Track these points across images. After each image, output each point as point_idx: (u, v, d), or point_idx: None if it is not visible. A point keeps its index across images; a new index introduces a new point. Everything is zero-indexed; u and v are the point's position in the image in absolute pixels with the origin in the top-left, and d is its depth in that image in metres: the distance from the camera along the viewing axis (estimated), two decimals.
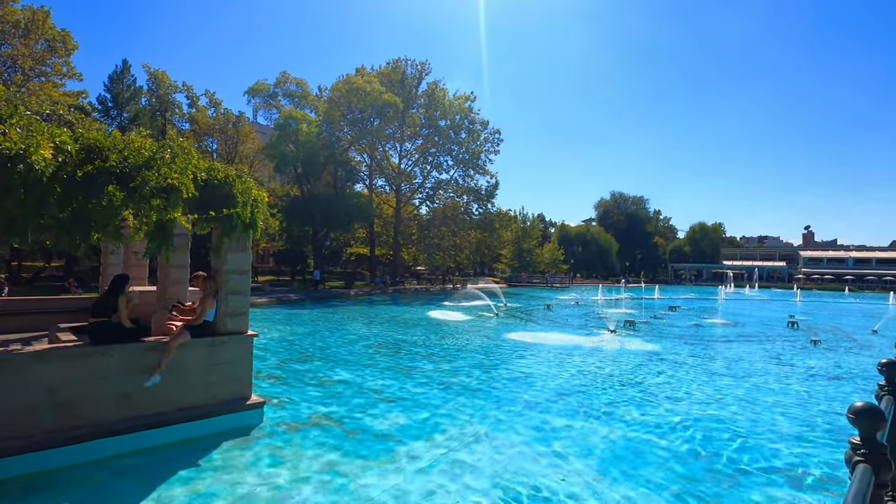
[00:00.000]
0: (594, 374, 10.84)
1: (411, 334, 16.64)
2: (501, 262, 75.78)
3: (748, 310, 32.30)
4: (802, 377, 11.07)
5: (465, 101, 50.75)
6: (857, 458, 1.60)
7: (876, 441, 1.61)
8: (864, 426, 1.62)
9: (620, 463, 5.88)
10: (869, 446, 1.59)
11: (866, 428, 1.62)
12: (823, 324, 23.88)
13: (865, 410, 1.60)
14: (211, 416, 6.33)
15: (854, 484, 1.47)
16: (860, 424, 1.63)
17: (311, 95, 44.84)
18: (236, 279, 6.82)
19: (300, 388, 9.11)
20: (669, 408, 8.29)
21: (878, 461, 1.57)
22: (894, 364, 2.60)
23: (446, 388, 9.40)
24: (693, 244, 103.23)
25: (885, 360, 2.64)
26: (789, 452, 6.38)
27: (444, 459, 5.85)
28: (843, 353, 14.63)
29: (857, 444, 1.63)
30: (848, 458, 1.66)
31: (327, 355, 12.49)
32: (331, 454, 5.91)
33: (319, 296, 32.44)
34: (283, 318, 20.16)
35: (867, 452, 1.59)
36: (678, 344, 15.65)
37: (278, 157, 38.75)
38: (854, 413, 1.63)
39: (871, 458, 1.57)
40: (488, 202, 54.31)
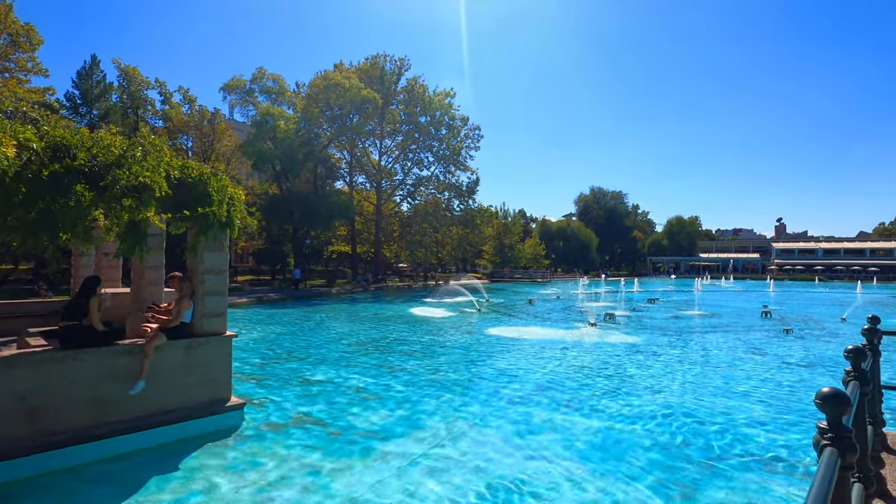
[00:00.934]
0: (575, 367, 10.98)
1: (394, 332, 16.59)
2: (483, 257, 76.05)
3: (724, 301, 33.09)
4: (775, 365, 11.39)
5: (446, 97, 50.64)
6: (824, 442, 1.65)
7: (842, 425, 1.66)
8: (830, 411, 1.67)
9: (601, 454, 5.98)
10: (835, 430, 1.64)
11: (832, 413, 1.67)
12: (795, 313, 24.61)
13: (831, 396, 1.65)
14: (189, 420, 6.22)
15: (821, 467, 1.51)
16: (827, 409, 1.67)
17: (289, 92, 44.20)
18: (213, 279, 6.70)
19: (281, 388, 9.01)
20: (648, 398, 8.45)
21: (844, 445, 1.61)
22: (860, 351, 2.69)
23: (429, 384, 9.40)
24: (671, 237, 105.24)
25: (851, 347, 2.73)
26: (763, 438, 6.57)
27: (427, 456, 5.86)
28: (813, 341, 15.10)
29: (825, 428, 1.68)
30: (816, 442, 1.70)
31: (309, 355, 12.37)
32: (313, 454, 5.86)
33: (300, 295, 32.09)
34: (263, 318, 19.89)
35: (833, 436, 1.63)
36: (657, 336, 15.95)
37: (256, 154, 38.11)
38: (821, 399, 1.67)
39: (838, 442, 1.62)
40: (469, 198, 54.40)
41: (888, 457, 4.03)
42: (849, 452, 1.62)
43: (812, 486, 1.38)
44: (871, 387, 3.03)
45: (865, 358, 2.71)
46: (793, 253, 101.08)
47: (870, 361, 3.18)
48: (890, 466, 3.82)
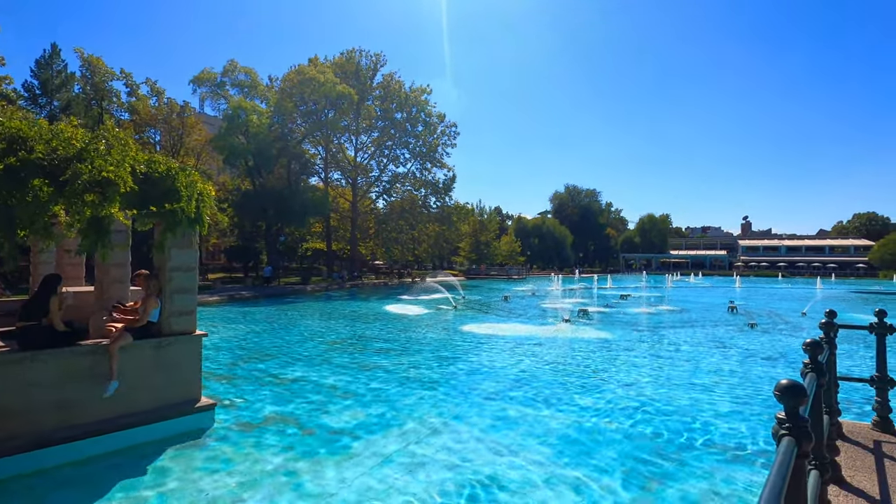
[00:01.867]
0: (550, 362, 11.13)
1: (369, 329, 16.50)
2: (460, 254, 76.26)
3: (693, 297, 34.05)
4: (741, 358, 11.79)
5: (422, 93, 50.48)
6: (782, 432, 1.71)
7: (798, 415, 1.72)
8: (788, 402, 1.73)
9: (574, 447, 6.08)
10: (792, 420, 1.70)
11: (790, 404, 1.74)
12: (760, 308, 25.52)
13: (789, 387, 1.71)
14: (158, 421, 6.05)
15: (779, 455, 1.57)
16: (784, 401, 1.74)
17: (262, 85, 43.32)
18: (182, 277, 6.52)
19: (254, 387, 8.85)
20: (620, 392, 8.63)
21: (801, 434, 1.68)
22: (817, 344, 2.81)
23: (405, 381, 9.39)
24: (643, 235, 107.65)
25: (809, 341, 2.84)
26: (728, 429, 6.79)
27: (402, 453, 5.85)
28: (776, 335, 15.69)
29: (783, 418, 1.74)
30: (775, 432, 1.76)
31: (283, 353, 12.19)
32: (286, 454, 5.78)
33: (274, 292, 31.55)
34: (235, 317, 19.49)
35: (791, 426, 1.70)
36: (629, 331, 16.30)
37: (227, 149, 37.23)
38: (779, 390, 1.74)
39: (794, 431, 1.69)
40: (446, 195, 54.42)
41: (843, 444, 4.23)
42: (805, 441, 1.69)
43: (770, 473, 1.43)
44: (827, 378, 3.17)
45: (822, 351, 2.83)
46: (758, 250, 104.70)
47: (826, 354, 3.32)
48: (845, 453, 4.01)
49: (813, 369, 2.69)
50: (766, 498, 1.28)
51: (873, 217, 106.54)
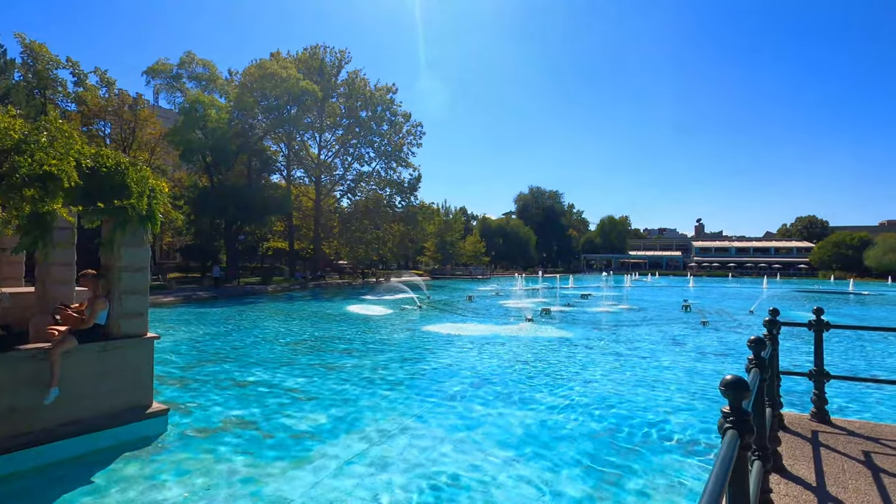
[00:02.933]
0: (512, 361, 11.27)
1: (332, 330, 16.25)
2: (425, 254, 76.18)
3: (650, 296, 35.28)
4: (694, 355, 12.31)
5: (387, 92, 50.11)
6: (726, 425, 1.79)
7: (741, 409, 1.81)
8: (731, 396, 1.82)
9: (535, 444, 6.18)
10: (736, 414, 1.79)
11: (734, 398, 1.82)
12: (711, 306, 26.72)
13: (732, 383, 1.80)
14: (106, 429, 5.76)
15: (723, 447, 1.64)
16: (729, 395, 1.82)
17: (221, 79, 41.88)
18: (132, 277, 6.23)
19: (211, 391, 8.55)
20: (580, 389, 8.84)
21: (743, 427, 1.77)
22: (760, 341, 2.96)
23: (368, 383, 9.30)
24: (603, 236, 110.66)
25: (753, 338, 2.99)
26: (682, 423, 7.08)
27: (365, 455, 5.80)
28: (726, 332, 16.46)
29: (727, 412, 1.83)
30: (720, 426, 1.85)
31: (242, 355, 11.84)
32: (244, 459, 5.62)
33: (233, 293, 30.61)
34: (192, 318, 18.78)
35: (734, 419, 1.78)
36: (589, 329, 16.72)
37: (184, 144, 35.78)
38: (724, 385, 1.82)
39: (738, 425, 1.77)
40: (411, 195, 54.22)
41: (784, 435, 4.47)
42: (747, 434, 1.77)
43: (714, 464, 1.50)
44: (769, 373, 3.34)
45: (765, 347, 2.99)
46: (710, 251, 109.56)
47: (769, 350, 3.50)
48: (786, 444, 4.25)
49: (756, 365, 2.84)
50: (709, 489, 1.33)
51: (814, 220, 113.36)
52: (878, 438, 4.45)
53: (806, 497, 3.32)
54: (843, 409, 7.72)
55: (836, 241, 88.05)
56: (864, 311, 26.17)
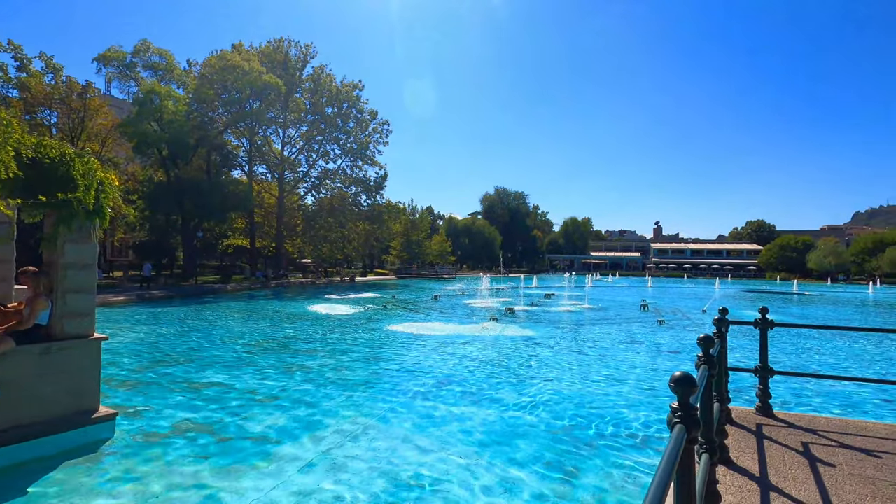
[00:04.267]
0: (477, 360, 11.35)
1: (294, 330, 15.91)
2: (391, 253, 75.76)
3: (610, 296, 36.28)
4: (650, 353, 12.74)
5: (353, 88, 49.52)
6: (675, 420, 1.86)
7: (689, 404, 1.88)
8: (680, 392, 1.89)
9: (497, 443, 6.25)
10: (683, 409, 1.86)
11: (682, 393, 1.89)
12: (667, 306, 27.73)
13: (680, 379, 1.87)
14: (48, 435, 5.43)
15: (671, 441, 1.70)
16: (677, 391, 1.89)
17: (179, 69, 40.28)
18: (77, 274, 5.90)
19: (164, 394, 8.22)
20: (542, 387, 9.00)
21: (691, 421, 1.84)
22: (709, 338, 3.09)
23: (330, 383, 9.16)
24: (566, 237, 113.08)
25: (703, 336, 3.12)
26: (637, 419, 7.31)
27: (326, 457, 5.70)
28: (680, 331, 17.12)
29: (676, 407, 1.90)
30: (669, 420, 1.92)
31: (198, 357, 11.43)
32: (198, 464, 5.42)
33: (190, 292, 29.51)
34: (145, 318, 17.99)
35: (682, 414, 1.85)
36: (551, 328, 17.04)
37: (138, 136, 34.22)
38: (673, 382, 1.89)
39: (685, 419, 1.84)
40: (377, 193, 53.80)
41: (731, 429, 4.69)
42: (694, 428, 1.85)
43: (662, 457, 1.55)
44: (717, 369, 3.49)
45: (713, 345, 3.12)
46: (667, 253, 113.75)
47: (718, 347, 3.66)
48: (732, 437, 4.45)
49: (705, 361, 2.96)
50: (656, 481, 1.38)
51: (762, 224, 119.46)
52: (815, 430, 4.73)
53: (749, 487, 3.49)
54: (787, 403, 8.15)
55: (781, 245, 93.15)
56: (806, 311, 27.77)
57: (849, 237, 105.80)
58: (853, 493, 3.40)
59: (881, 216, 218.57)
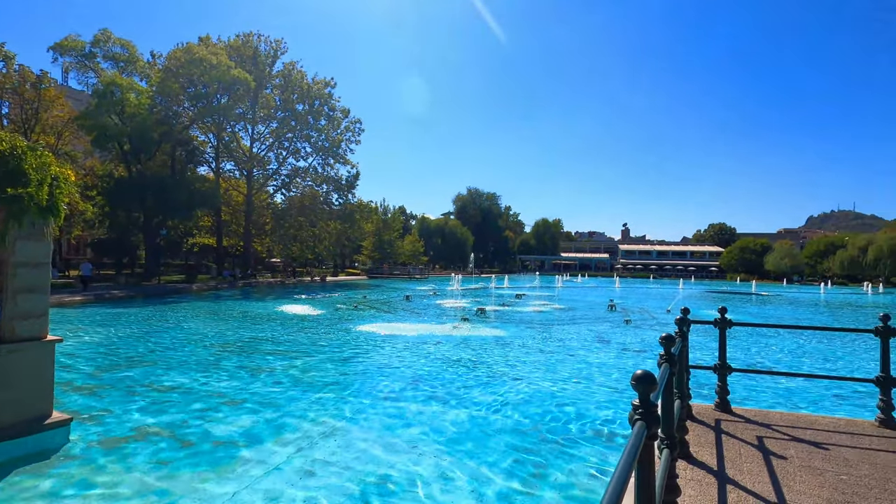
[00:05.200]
0: (447, 360, 11.38)
1: (262, 331, 15.58)
2: (363, 253, 75.13)
3: (579, 296, 36.95)
4: (617, 352, 13.04)
5: (325, 86, 48.85)
6: (636, 417, 1.92)
7: (650, 402, 1.94)
8: (641, 390, 1.94)
9: (467, 442, 6.28)
10: (644, 406, 1.92)
11: (642, 391, 1.95)
12: (634, 306, 28.45)
13: (641, 377, 1.93)
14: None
15: (632, 437, 1.76)
16: (638, 389, 1.95)
17: (142, 61, 38.90)
18: (30, 273, 5.62)
19: (123, 398, 7.91)
20: (511, 386, 9.10)
21: (651, 418, 1.90)
22: (670, 337, 3.19)
23: (299, 385, 9.02)
24: (537, 238, 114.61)
25: (664, 335, 3.22)
26: (604, 416, 7.48)
27: (293, 459, 5.61)
28: (646, 330, 17.60)
29: (637, 405, 1.95)
30: (630, 418, 1.97)
31: (160, 359, 11.05)
32: (159, 470, 5.25)
33: (153, 291, 28.51)
34: (104, 319, 17.28)
35: (643, 411, 1.91)
36: (521, 328, 17.23)
37: (97, 129, 32.86)
38: (634, 380, 1.95)
39: (646, 416, 1.90)
40: (349, 192, 53.21)
41: (692, 424, 4.85)
42: (654, 424, 1.90)
43: (623, 453, 1.60)
44: (678, 367, 3.61)
45: (674, 343, 3.22)
46: (634, 254, 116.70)
47: (679, 346, 3.78)
48: (693, 432, 4.61)
49: (666, 360, 3.06)
50: (616, 476, 1.42)
51: (723, 227, 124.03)
52: (769, 424, 4.94)
53: (708, 480, 3.62)
54: (745, 399, 8.48)
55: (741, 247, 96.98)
56: (764, 310, 28.97)
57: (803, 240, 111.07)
58: (803, 483, 3.57)
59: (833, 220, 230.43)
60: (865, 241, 75.19)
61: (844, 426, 4.94)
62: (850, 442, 4.46)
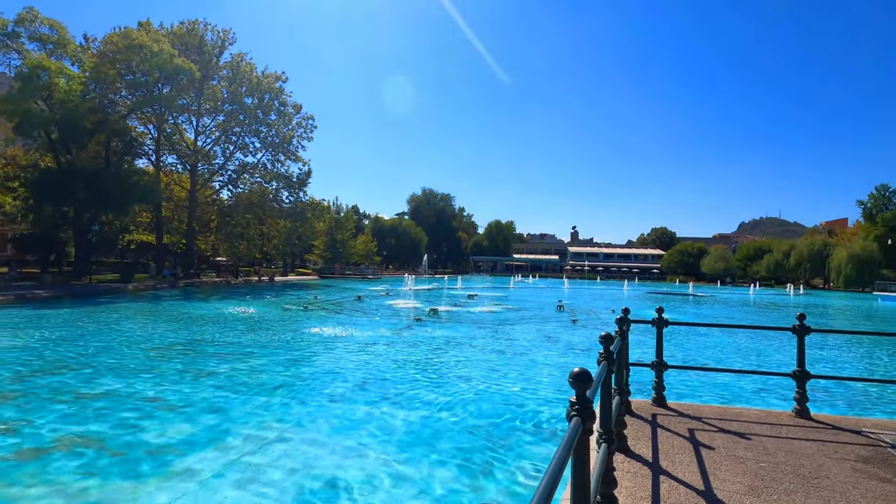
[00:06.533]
0: (398, 361, 11.33)
1: (204, 333, 14.91)
2: (314, 253, 73.47)
3: (530, 296, 37.79)
4: (564, 351, 13.44)
5: (276, 80, 47.40)
6: (572, 413, 1.99)
7: (586, 398, 2.02)
8: (577, 387, 2.02)
9: (416, 442, 6.28)
10: (580, 403, 1.99)
11: (579, 388, 2.03)
12: (581, 306, 29.43)
13: (578, 375, 2.01)
14: None
15: (568, 432, 1.82)
16: (575, 386, 2.03)
17: (73, 44, 36.19)
18: None
19: (46, 406, 7.35)
20: (462, 386, 9.18)
21: (585, 414, 1.98)
22: (609, 336, 3.33)
23: (244, 388, 8.69)
24: (490, 239, 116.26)
25: (604, 334, 3.36)
26: (550, 414, 7.69)
27: (235, 466, 5.41)
28: (592, 329, 18.24)
29: (574, 401, 2.03)
30: (567, 414, 2.04)
31: (89, 364, 10.34)
32: (84, 482, 4.91)
33: (83, 292, 26.62)
34: (27, 321, 15.96)
35: (579, 408, 1.99)
36: (473, 329, 17.42)
37: (20, 115, 30.24)
38: (571, 378, 2.02)
39: (581, 412, 1.98)
40: (300, 190, 51.87)
41: (630, 419, 5.08)
42: (589, 420, 1.99)
43: (558, 448, 1.66)
44: (616, 365, 3.77)
45: (613, 342, 3.37)
46: (583, 256, 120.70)
47: (618, 344, 3.95)
48: (631, 427, 4.83)
49: (605, 358, 3.19)
50: (550, 470, 1.47)
51: (665, 231, 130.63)
52: (700, 417, 5.26)
53: (643, 472, 3.80)
54: (681, 394, 8.97)
55: (680, 250, 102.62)
56: (700, 310, 30.73)
57: (735, 244, 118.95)
58: (727, 471, 3.82)
59: (762, 226, 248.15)
60: (788, 247, 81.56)
61: (765, 417, 5.34)
62: (770, 432, 4.82)
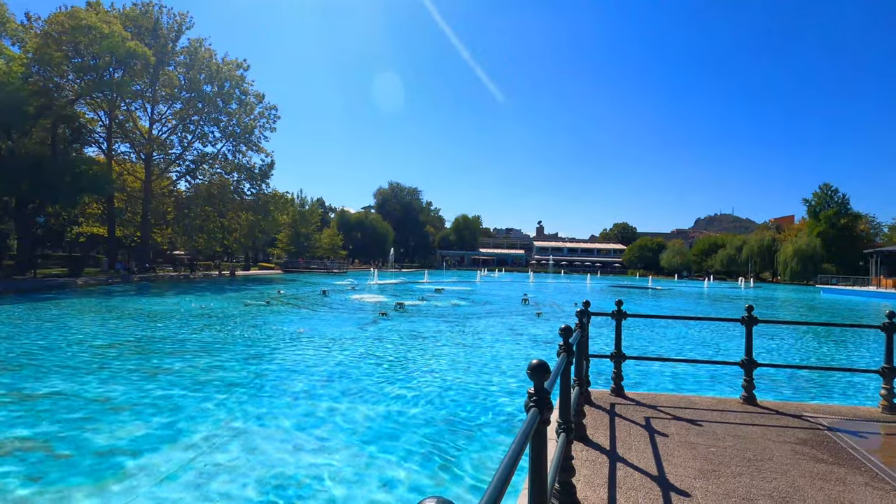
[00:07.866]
0: (363, 355, 11.24)
1: (160, 329, 14.35)
2: (277, 246, 71.86)
3: (496, 290, 38.19)
4: (528, 343, 13.66)
5: (237, 67, 45.87)
6: (530, 404, 2.02)
7: (543, 389, 2.05)
8: (535, 379, 2.05)
9: (380, 437, 6.25)
10: (538, 394, 2.02)
11: (537, 380, 2.06)
12: (546, 300, 29.97)
13: (536, 367, 2.03)
14: None
15: (526, 423, 1.85)
16: (533, 378, 2.05)
17: (14, 23, 33.89)
18: None
19: None
20: (426, 379, 9.19)
21: (543, 404, 2.00)
22: (568, 329, 3.40)
23: (201, 386, 8.42)
24: (458, 234, 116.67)
25: (564, 326, 3.42)
26: (513, 405, 7.80)
27: (191, 466, 5.24)
28: (556, 322, 18.61)
29: (532, 392, 2.06)
30: (525, 405, 2.07)
31: (32, 363, 9.78)
32: (27, 488, 4.65)
33: (27, 286, 25.12)
34: None
35: (536, 398, 2.01)
36: (439, 322, 17.46)
37: None
38: (530, 370, 2.05)
39: (538, 403, 2.00)
40: (262, 182, 50.52)
41: (589, 409, 5.22)
42: (546, 410, 2.02)
43: (515, 438, 1.67)
44: (576, 356, 3.86)
45: (572, 334, 3.43)
46: (547, 251, 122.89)
47: (577, 336, 4.03)
48: (590, 416, 4.95)
49: (565, 350, 3.25)
50: (506, 460, 1.49)
51: (626, 226, 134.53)
52: (656, 406, 5.45)
53: (601, 459, 3.91)
54: (639, 383, 9.27)
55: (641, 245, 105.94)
56: (659, 302, 31.86)
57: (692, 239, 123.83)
58: (679, 457, 3.98)
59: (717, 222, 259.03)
60: (741, 242, 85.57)
61: (716, 404, 5.59)
62: (720, 418, 5.05)
